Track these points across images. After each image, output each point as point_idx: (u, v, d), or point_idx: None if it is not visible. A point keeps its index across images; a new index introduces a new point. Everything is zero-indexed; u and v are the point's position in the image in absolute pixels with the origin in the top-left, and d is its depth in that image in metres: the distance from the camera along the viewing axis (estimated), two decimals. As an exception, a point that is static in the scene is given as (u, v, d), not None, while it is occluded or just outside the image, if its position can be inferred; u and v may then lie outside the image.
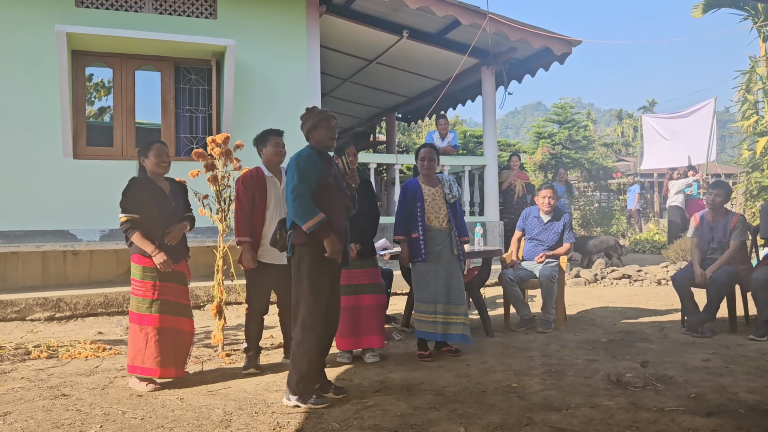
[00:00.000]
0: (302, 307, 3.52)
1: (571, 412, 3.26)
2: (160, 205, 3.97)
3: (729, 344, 4.82)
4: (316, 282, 3.52)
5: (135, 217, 3.87)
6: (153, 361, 3.85)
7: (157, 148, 4.02)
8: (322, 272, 3.55)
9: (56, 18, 7.10)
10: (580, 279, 8.74)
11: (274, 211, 4.38)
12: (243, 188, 4.38)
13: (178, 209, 4.11)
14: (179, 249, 4.08)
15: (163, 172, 4.05)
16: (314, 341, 3.50)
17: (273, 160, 4.48)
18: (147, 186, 3.99)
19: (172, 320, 3.97)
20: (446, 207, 4.79)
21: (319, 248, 3.54)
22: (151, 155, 3.99)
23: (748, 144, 11.59)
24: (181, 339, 4.03)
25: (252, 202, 4.36)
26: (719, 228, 5.42)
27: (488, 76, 9.69)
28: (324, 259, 3.55)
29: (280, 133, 4.52)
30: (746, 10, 12.57)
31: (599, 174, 19.00)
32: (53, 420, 3.26)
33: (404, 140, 22.81)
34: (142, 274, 3.92)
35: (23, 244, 6.80)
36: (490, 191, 9.58)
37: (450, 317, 4.59)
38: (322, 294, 3.54)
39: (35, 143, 7.10)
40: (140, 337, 3.89)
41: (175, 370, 3.96)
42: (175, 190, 4.15)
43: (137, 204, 3.89)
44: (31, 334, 5.54)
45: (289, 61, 8.17)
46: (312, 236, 3.51)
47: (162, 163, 4.01)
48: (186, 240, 4.21)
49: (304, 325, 3.50)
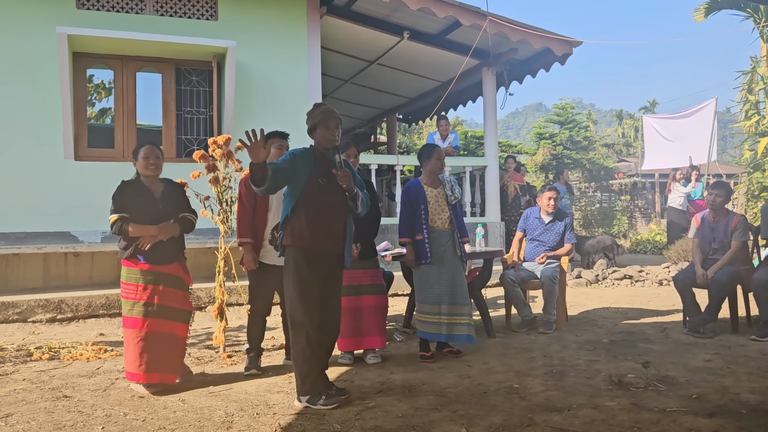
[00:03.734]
0: (290, 307, 3.56)
1: (572, 412, 3.26)
2: (145, 207, 3.91)
3: (731, 345, 4.82)
4: (301, 282, 3.52)
5: (124, 216, 3.84)
6: (136, 366, 3.78)
7: (145, 150, 3.95)
8: (307, 274, 3.54)
9: (57, 20, 7.11)
10: (581, 279, 8.74)
11: (276, 213, 4.38)
12: (245, 190, 4.37)
13: (168, 212, 3.99)
14: (170, 250, 3.99)
15: (152, 174, 3.98)
16: (303, 341, 3.50)
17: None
18: (133, 189, 3.95)
19: (162, 324, 3.87)
20: (448, 208, 4.79)
21: (304, 250, 3.55)
22: (140, 157, 3.95)
23: (750, 144, 11.59)
24: (172, 344, 3.92)
25: (254, 204, 4.36)
26: (720, 228, 5.41)
27: (489, 76, 9.69)
28: (309, 261, 3.55)
29: (284, 135, 4.49)
30: (747, 11, 12.56)
31: (600, 174, 18.99)
32: (55, 421, 3.26)
33: (405, 141, 22.82)
34: (128, 276, 3.89)
35: (25, 245, 6.80)
36: (491, 192, 9.58)
37: (454, 318, 4.58)
38: (309, 294, 3.52)
39: (36, 145, 7.11)
40: (127, 341, 3.86)
41: (160, 375, 3.82)
42: (168, 192, 4.05)
43: (123, 207, 3.87)
44: (33, 336, 5.54)
45: (289, 63, 8.17)
46: (298, 238, 3.53)
47: (150, 165, 3.95)
48: (180, 241, 4.10)
49: (293, 325, 3.54)
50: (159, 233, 3.89)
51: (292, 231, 3.57)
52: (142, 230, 3.86)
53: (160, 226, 3.91)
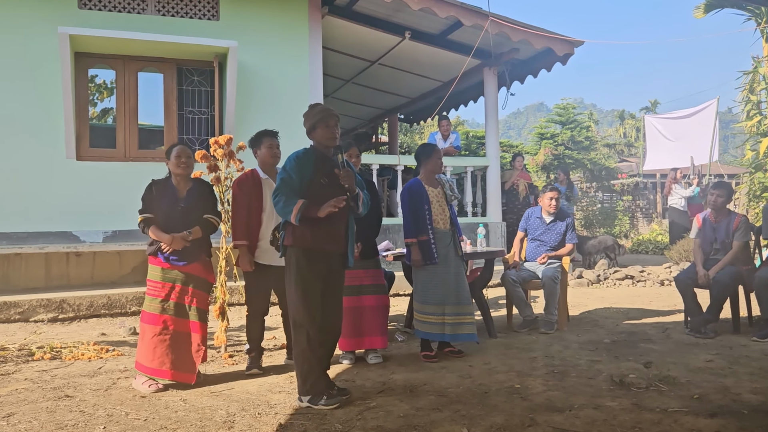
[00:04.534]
0: (291, 307, 3.58)
1: (574, 412, 3.26)
2: (166, 207, 4.01)
3: (732, 345, 4.81)
4: (303, 282, 3.53)
5: (149, 216, 4.01)
6: (148, 360, 3.89)
7: (178, 150, 4.08)
8: (309, 274, 3.55)
9: (59, 20, 7.11)
10: (582, 280, 8.73)
11: (270, 213, 4.37)
12: (239, 191, 4.37)
13: (189, 212, 4.07)
14: (190, 250, 4.05)
15: (182, 172, 4.08)
16: (305, 341, 3.51)
17: (268, 161, 4.47)
18: (158, 188, 4.08)
19: (178, 322, 3.97)
20: (448, 208, 4.79)
21: (306, 250, 3.56)
22: (172, 156, 4.08)
23: (751, 144, 11.57)
24: (188, 343, 4.00)
25: (249, 205, 4.35)
26: (722, 228, 5.41)
27: (490, 76, 9.69)
28: (311, 261, 3.56)
29: (274, 134, 4.51)
30: (749, 11, 12.54)
31: (602, 174, 18.95)
32: (57, 421, 3.26)
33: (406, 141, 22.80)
34: (151, 273, 4.04)
35: (26, 245, 6.81)
36: (492, 192, 9.57)
37: (460, 318, 4.58)
38: (311, 294, 3.53)
39: (38, 145, 7.11)
40: (142, 335, 3.98)
41: (172, 372, 3.89)
42: (193, 192, 4.14)
43: (149, 207, 4.04)
44: (35, 336, 5.55)
45: (291, 63, 8.17)
46: (299, 238, 3.54)
47: (181, 164, 4.06)
48: (202, 241, 4.13)
49: (294, 325, 3.55)
50: (171, 242, 3.96)
51: (293, 231, 3.57)
52: (158, 236, 3.97)
53: (172, 236, 3.97)
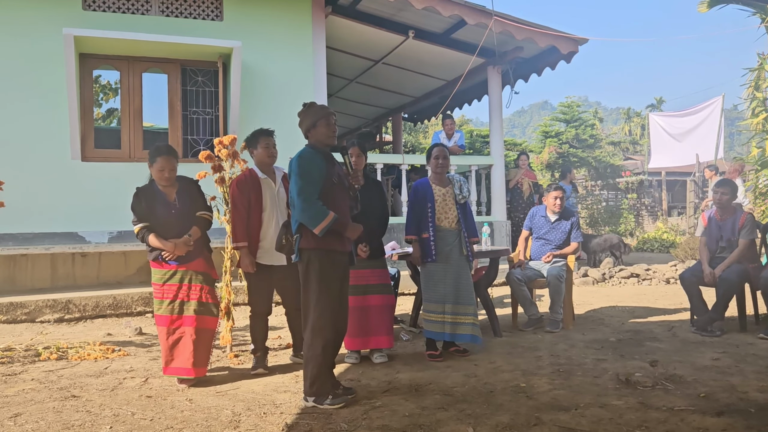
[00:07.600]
0: (311, 311, 3.50)
1: (579, 411, 3.25)
2: (161, 213, 4.00)
3: (739, 343, 4.79)
4: (325, 286, 3.50)
5: (146, 225, 3.99)
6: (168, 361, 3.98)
7: (161, 163, 3.97)
8: (332, 276, 3.53)
9: (63, 21, 7.14)
10: (588, 278, 8.71)
11: (270, 213, 4.36)
12: (239, 192, 4.33)
13: (184, 213, 4.08)
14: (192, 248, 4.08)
15: (166, 184, 4.05)
16: (319, 347, 3.48)
17: (264, 161, 4.43)
18: (146, 196, 4.03)
19: (189, 319, 4.02)
20: (456, 207, 4.79)
21: (329, 252, 3.52)
22: (155, 169, 4.01)
23: (757, 142, 11.50)
24: (200, 338, 4.04)
25: (248, 206, 4.32)
26: (727, 226, 5.39)
27: (494, 75, 9.68)
28: (333, 263, 3.54)
29: (270, 133, 4.46)
30: (755, 6, 12.47)
31: (607, 173, 18.90)
32: (63, 421, 3.28)
33: (410, 140, 22.79)
34: (155, 276, 4.07)
35: (32, 246, 6.84)
36: (497, 191, 9.56)
37: (458, 317, 4.59)
38: (332, 298, 3.51)
39: (43, 146, 7.14)
40: (160, 338, 4.05)
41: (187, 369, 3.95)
42: (183, 193, 4.11)
43: (143, 215, 3.99)
44: (41, 336, 5.57)
45: (295, 62, 8.18)
46: (321, 240, 3.48)
47: (164, 177, 4.00)
48: (201, 239, 4.17)
49: (313, 329, 3.50)
50: (175, 249, 3.97)
51: (312, 234, 3.49)
52: (160, 244, 3.96)
53: (175, 243, 3.97)
